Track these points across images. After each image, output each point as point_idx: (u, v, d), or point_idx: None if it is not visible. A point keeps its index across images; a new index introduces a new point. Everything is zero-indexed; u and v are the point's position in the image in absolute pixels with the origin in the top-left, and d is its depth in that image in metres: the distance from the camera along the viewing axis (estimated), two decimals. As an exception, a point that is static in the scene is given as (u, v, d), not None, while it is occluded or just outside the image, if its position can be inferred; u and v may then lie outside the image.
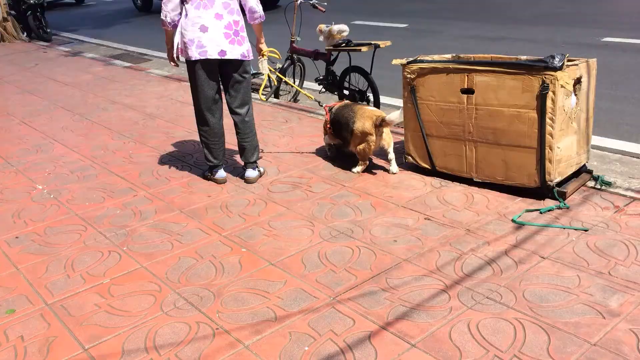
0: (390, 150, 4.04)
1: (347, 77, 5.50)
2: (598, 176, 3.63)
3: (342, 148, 4.31)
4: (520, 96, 3.36)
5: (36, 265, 3.15)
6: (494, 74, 3.44)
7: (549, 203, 3.41)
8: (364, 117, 3.97)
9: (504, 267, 2.82)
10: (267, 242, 3.23)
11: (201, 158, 4.49)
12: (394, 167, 4.05)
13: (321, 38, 5.45)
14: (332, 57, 5.61)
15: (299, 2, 5.98)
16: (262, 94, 6.22)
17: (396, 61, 3.91)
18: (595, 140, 4.37)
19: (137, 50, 10.28)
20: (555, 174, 3.40)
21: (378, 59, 5.26)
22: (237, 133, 4.02)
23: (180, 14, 3.72)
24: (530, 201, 3.46)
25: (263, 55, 4.15)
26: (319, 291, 2.73)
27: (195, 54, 3.68)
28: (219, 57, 3.71)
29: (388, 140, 4.03)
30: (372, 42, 5.13)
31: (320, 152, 4.51)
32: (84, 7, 18.59)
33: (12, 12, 11.83)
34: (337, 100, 5.50)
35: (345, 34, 5.30)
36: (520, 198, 3.51)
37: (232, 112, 3.97)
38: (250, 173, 4.04)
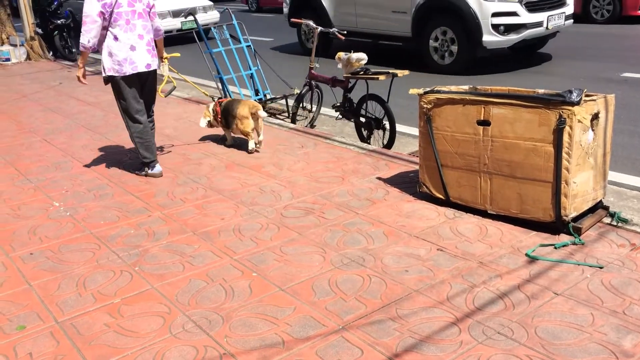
0: (262, 133, 5.33)
1: (364, 104, 5.53)
2: (614, 213, 3.58)
3: (232, 132, 5.44)
4: (536, 130, 3.36)
5: (49, 282, 3.18)
6: (510, 107, 3.44)
7: (564, 238, 3.37)
8: (243, 105, 5.20)
9: (516, 302, 2.79)
10: (278, 267, 3.23)
11: (216, 179, 4.53)
12: (251, 144, 5.23)
13: (339, 65, 5.51)
14: (350, 85, 5.66)
15: (318, 30, 6.07)
16: (161, 92, 6.02)
17: (413, 91, 3.94)
18: (612, 176, 4.33)
19: (158, 72, 10.43)
20: (571, 209, 3.37)
21: (395, 87, 5.29)
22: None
23: (100, 38, 4.45)
24: (544, 236, 3.43)
25: (164, 61, 5.09)
26: (328, 319, 2.72)
27: (128, 70, 4.49)
28: (146, 70, 4.60)
29: (261, 125, 5.30)
30: (390, 71, 5.17)
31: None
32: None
33: (40, 30, 12.10)
34: (354, 128, 5.57)
35: (363, 62, 5.35)
36: (534, 232, 3.48)
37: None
38: (159, 167, 4.79)
